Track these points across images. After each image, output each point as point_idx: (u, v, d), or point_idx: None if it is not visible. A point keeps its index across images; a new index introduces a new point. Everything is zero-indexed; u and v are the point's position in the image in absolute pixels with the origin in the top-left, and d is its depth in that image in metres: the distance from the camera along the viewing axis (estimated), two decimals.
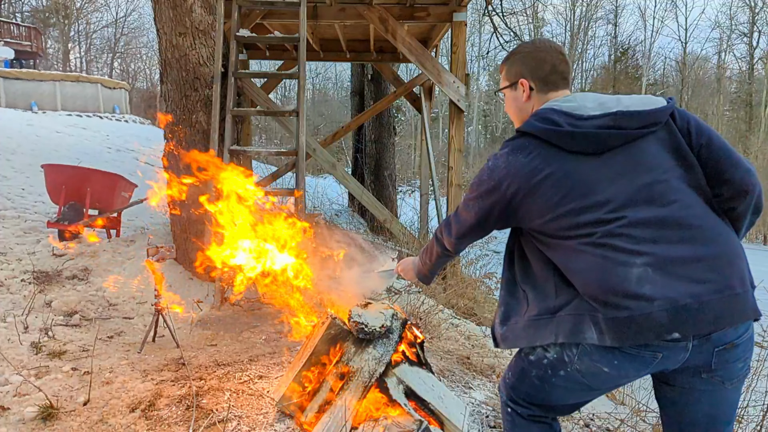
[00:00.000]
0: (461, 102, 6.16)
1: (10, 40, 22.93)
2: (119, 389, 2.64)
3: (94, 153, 11.42)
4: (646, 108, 1.41)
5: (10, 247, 5.01)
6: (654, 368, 1.36)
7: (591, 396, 1.54)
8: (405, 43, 6.15)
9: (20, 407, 2.41)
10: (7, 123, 12.11)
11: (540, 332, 1.44)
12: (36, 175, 7.32)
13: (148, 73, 36.27)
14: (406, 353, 2.31)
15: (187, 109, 4.47)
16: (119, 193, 5.95)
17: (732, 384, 1.40)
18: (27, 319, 3.51)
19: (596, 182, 1.37)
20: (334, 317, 2.31)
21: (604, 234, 1.34)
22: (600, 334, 1.32)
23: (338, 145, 21.67)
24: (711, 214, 1.39)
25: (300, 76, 4.59)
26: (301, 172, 4.48)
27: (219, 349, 3.30)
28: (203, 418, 2.31)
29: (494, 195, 1.47)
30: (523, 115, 1.61)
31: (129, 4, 41.46)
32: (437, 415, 2.19)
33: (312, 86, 34.10)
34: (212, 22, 4.52)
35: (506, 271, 1.60)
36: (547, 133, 1.41)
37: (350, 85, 13.50)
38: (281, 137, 27.47)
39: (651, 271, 1.29)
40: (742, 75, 34.38)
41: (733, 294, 1.30)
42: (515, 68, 1.61)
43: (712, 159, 1.42)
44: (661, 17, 41.87)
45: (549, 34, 34.31)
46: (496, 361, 3.55)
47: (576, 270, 1.37)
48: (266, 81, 9.27)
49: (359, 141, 11.77)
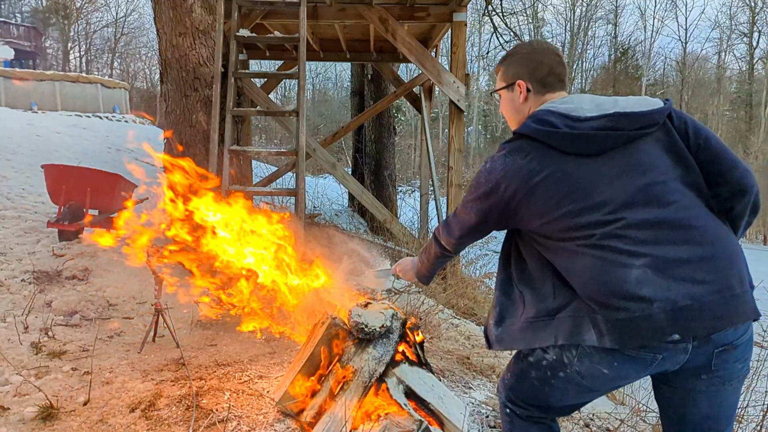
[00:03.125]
0: (461, 102, 6.16)
1: (10, 40, 22.94)
2: (119, 389, 2.64)
3: (94, 153, 11.42)
4: (643, 109, 1.41)
5: (10, 247, 5.01)
6: (654, 370, 1.36)
7: (590, 397, 1.54)
8: (405, 43, 6.15)
9: (20, 407, 2.41)
10: (7, 123, 12.10)
11: (539, 334, 1.44)
12: (36, 175, 7.32)
13: (148, 73, 36.27)
14: (406, 353, 2.31)
15: (187, 109, 4.48)
16: (119, 193, 5.95)
17: (732, 385, 1.40)
18: (27, 319, 3.51)
19: (594, 184, 1.37)
20: (334, 317, 2.31)
21: (602, 235, 1.34)
22: (600, 336, 1.32)
23: (338, 145, 21.67)
24: (709, 214, 1.39)
25: (300, 76, 4.59)
26: (301, 172, 4.48)
27: (219, 349, 3.31)
28: (203, 418, 2.32)
29: (492, 197, 1.47)
30: (519, 117, 1.61)
31: (129, 4, 41.46)
32: (437, 415, 2.19)
33: (312, 86, 34.11)
34: (212, 22, 4.52)
35: (501, 272, 1.59)
36: (544, 134, 1.41)
37: (350, 85, 13.49)
38: (281, 137, 27.46)
39: (650, 272, 1.29)
40: (742, 75, 34.38)
41: (732, 295, 1.30)
42: (512, 69, 1.61)
43: (710, 159, 1.42)
44: (661, 17, 41.79)
45: (549, 34, 34.31)
46: (496, 361, 3.55)
47: (575, 272, 1.37)
48: (266, 81, 9.27)
49: (359, 141, 11.76)
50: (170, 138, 4.49)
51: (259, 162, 13.79)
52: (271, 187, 7.62)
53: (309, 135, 7.19)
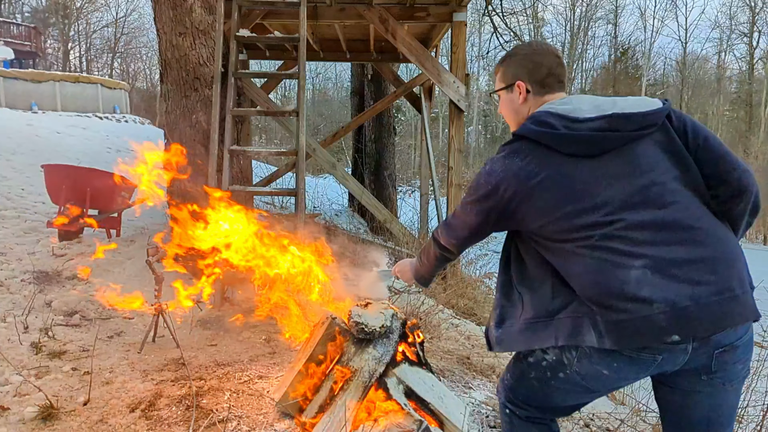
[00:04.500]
0: (461, 102, 6.16)
1: (10, 40, 22.94)
2: (119, 389, 2.64)
3: (94, 153, 11.42)
4: (642, 110, 1.41)
5: (10, 247, 5.02)
6: (654, 371, 1.36)
7: (590, 398, 1.54)
8: (405, 43, 6.15)
9: (20, 407, 2.41)
10: (7, 123, 12.10)
11: (538, 335, 1.43)
12: (36, 175, 7.32)
13: (148, 73, 36.29)
14: (406, 353, 2.31)
15: (187, 109, 4.48)
16: (119, 193, 5.95)
17: (732, 386, 1.40)
18: (27, 319, 3.52)
19: (593, 185, 1.37)
20: (334, 317, 2.31)
21: (602, 237, 1.34)
22: (599, 337, 1.32)
23: (338, 145, 21.66)
24: (709, 215, 1.39)
25: (300, 76, 4.59)
26: (301, 172, 4.48)
27: (219, 349, 3.31)
28: (203, 418, 2.32)
29: (491, 199, 1.46)
30: (518, 118, 1.61)
31: (129, 4, 41.43)
32: (437, 415, 2.19)
33: (312, 86, 34.08)
34: (212, 22, 4.52)
35: (502, 274, 1.59)
36: (543, 136, 1.41)
37: (350, 85, 13.49)
38: (281, 137, 27.46)
39: (650, 273, 1.29)
40: (742, 75, 34.39)
41: (732, 296, 1.29)
42: (511, 70, 1.61)
43: (709, 160, 1.42)
44: (661, 17, 41.88)
45: (549, 34, 34.31)
46: (496, 361, 3.55)
47: (574, 273, 1.37)
48: (266, 81, 9.26)
49: (359, 141, 11.76)
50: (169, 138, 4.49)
51: (259, 162, 13.79)
52: (271, 187, 7.62)
53: (309, 135, 7.20)
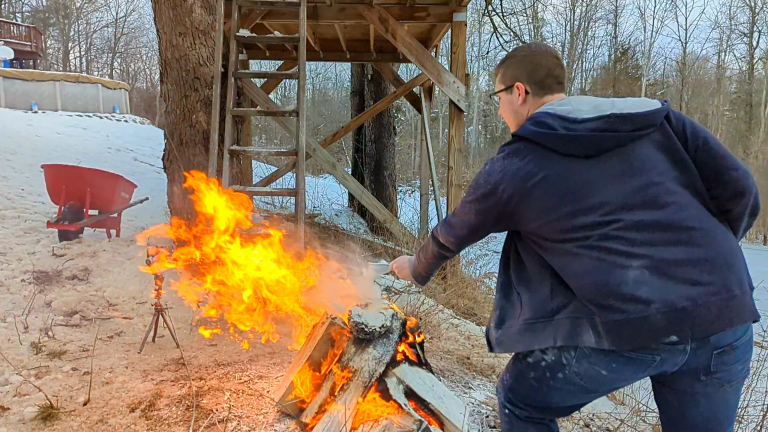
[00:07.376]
0: (461, 102, 6.16)
1: (10, 40, 22.93)
2: (119, 389, 2.65)
3: (94, 153, 11.43)
4: (640, 110, 1.41)
5: (10, 247, 5.01)
6: (652, 371, 1.36)
7: (589, 398, 1.54)
8: (405, 43, 6.16)
9: (20, 407, 2.41)
10: (7, 123, 12.10)
11: (537, 336, 1.44)
12: (36, 175, 7.32)
13: (148, 73, 36.32)
14: (406, 353, 2.31)
15: (187, 109, 4.47)
16: (119, 193, 5.95)
17: (731, 386, 1.39)
18: (27, 319, 3.52)
19: (591, 185, 1.37)
20: (334, 317, 2.31)
21: (600, 237, 1.34)
22: (598, 338, 1.32)
23: (338, 145, 21.65)
24: (708, 216, 1.39)
25: (300, 76, 4.59)
26: (301, 172, 4.48)
27: (219, 349, 3.31)
28: (203, 418, 2.32)
29: (490, 199, 1.47)
30: (518, 119, 1.62)
31: (129, 4, 41.54)
32: (437, 415, 2.19)
33: (312, 86, 34.07)
34: (212, 22, 4.52)
35: (502, 275, 1.60)
36: (542, 136, 1.41)
37: (350, 85, 13.50)
38: (281, 137, 27.48)
39: (648, 273, 1.29)
40: (742, 75, 34.40)
41: (731, 296, 1.29)
42: (511, 72, 1.61)
43: (708, 161, 1.42)
44: (661, 17, 41.77)
45: (549, 34, 34.33)
46: (496, 361, 3.55)
47: (573, 273, 1.38)
48: (266, 81, 9.27)
49: (359, 141, 11.76)
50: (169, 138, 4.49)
51: (259, 162, 13.80)
52: (271, 187, 7.62)
53: (309, 135, 7.19)
